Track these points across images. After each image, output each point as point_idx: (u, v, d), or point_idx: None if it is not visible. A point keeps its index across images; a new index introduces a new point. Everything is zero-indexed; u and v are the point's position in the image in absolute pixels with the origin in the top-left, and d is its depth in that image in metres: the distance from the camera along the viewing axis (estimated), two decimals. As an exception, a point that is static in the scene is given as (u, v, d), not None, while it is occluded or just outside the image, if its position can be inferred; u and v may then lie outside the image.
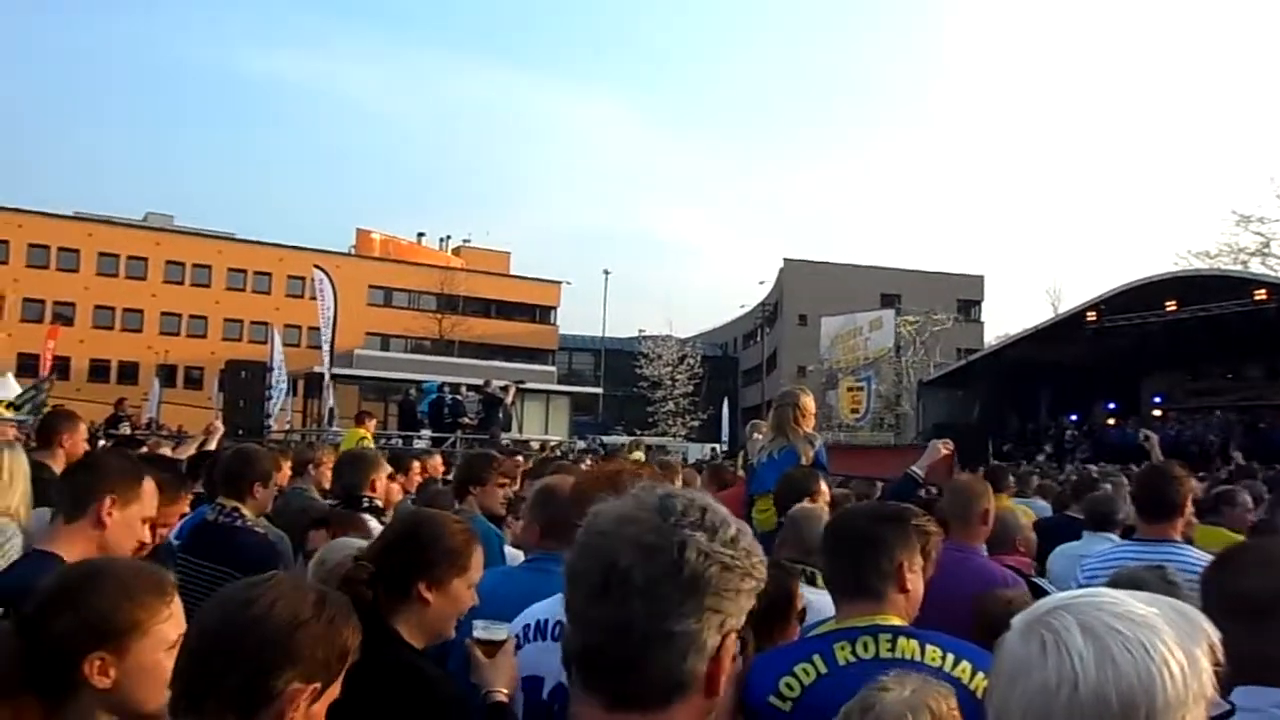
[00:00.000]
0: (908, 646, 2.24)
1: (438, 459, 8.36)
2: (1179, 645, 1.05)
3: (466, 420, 18.71)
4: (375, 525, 3.98)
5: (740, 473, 8.15)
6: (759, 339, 59.83)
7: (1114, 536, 4.86)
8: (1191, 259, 39.78)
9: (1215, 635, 1.10)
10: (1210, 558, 2.45)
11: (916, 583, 2.39)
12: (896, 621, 2.32)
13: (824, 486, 4.44)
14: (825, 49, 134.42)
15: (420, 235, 63.88)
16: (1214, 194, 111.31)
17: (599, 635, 1.17)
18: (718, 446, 33.17)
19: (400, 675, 2.15)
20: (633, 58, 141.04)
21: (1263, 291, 24.60)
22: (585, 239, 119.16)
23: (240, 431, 15.95)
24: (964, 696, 1.93)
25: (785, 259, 58.27)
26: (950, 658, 2.21)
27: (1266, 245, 40.33)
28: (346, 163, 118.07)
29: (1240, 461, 14.25)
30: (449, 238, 65.54)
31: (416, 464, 7.06)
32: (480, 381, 20.59)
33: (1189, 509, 3.96)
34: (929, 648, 2.24)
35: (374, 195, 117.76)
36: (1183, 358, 29.69)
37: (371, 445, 10.49)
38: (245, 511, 4.06)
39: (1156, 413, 30.77)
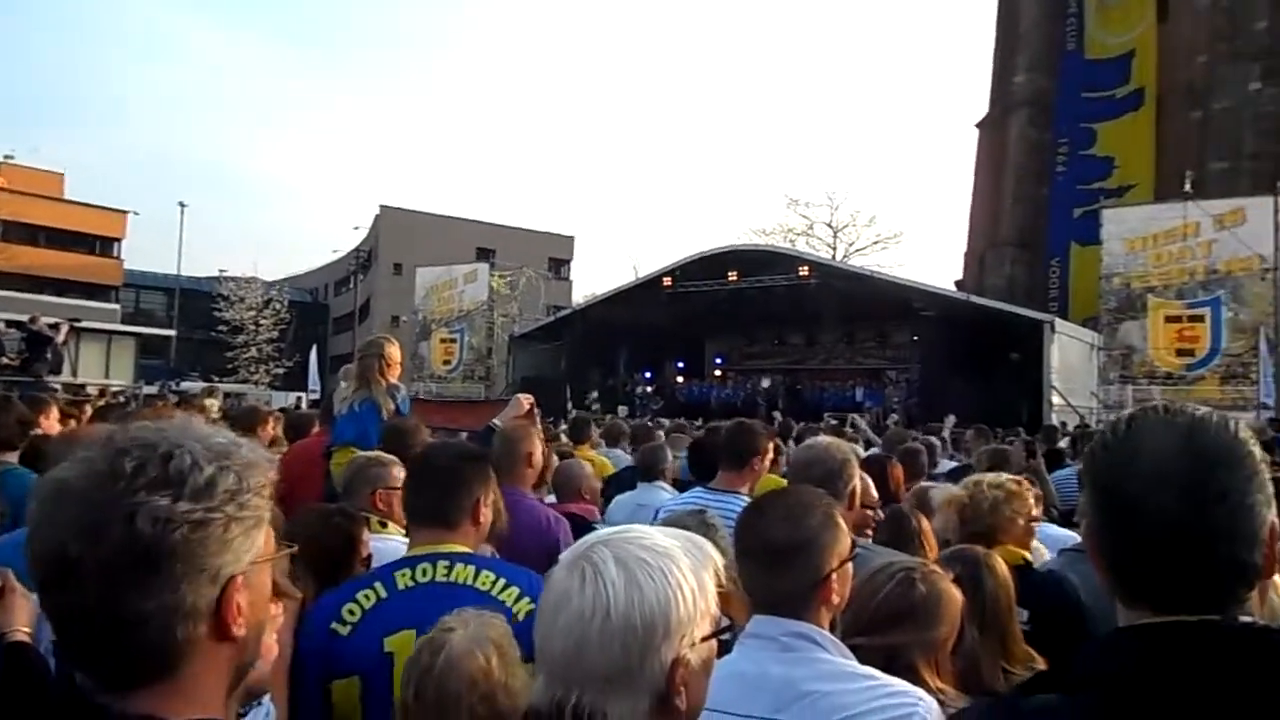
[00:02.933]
0: (463, 572, 2.43)
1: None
2: (692, 571, 1.26)
3: (6, 360, 16.35)
4: None
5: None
6: (352, 286, 57.93)
7: (665, 485, 5.40)
8: (753, 235, 44.69)
9: (721, 561, 1.33)
10: None
11: (489, 516, 2.62)
12: (460, 549, 2.50)
13: (426, 438, 4.46)
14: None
15: (-51, 146, 54.25)
16: (774, 177, 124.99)
17: (65, 624, 1.04)
18: (304, 395, 31.75)
19: None
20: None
21: (805, 268, 27.94)
22: (160, 167, 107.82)
23: None
24: (507, 618, 2.11)
25: (382, 206, 56.91)
26: (500, 582, 2.42)
27: (810, 228, 46.45)
28: None
29: (780, 418, 16.23)
30: (-15, 151, 56.21)
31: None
32: (25, 317, 18.10)
33: (765, 463, 4.23)
34: (482, 573, 2.44)
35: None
36: (740, 324, 32.91)
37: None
38: None
39: (717, 373, 34.19)
